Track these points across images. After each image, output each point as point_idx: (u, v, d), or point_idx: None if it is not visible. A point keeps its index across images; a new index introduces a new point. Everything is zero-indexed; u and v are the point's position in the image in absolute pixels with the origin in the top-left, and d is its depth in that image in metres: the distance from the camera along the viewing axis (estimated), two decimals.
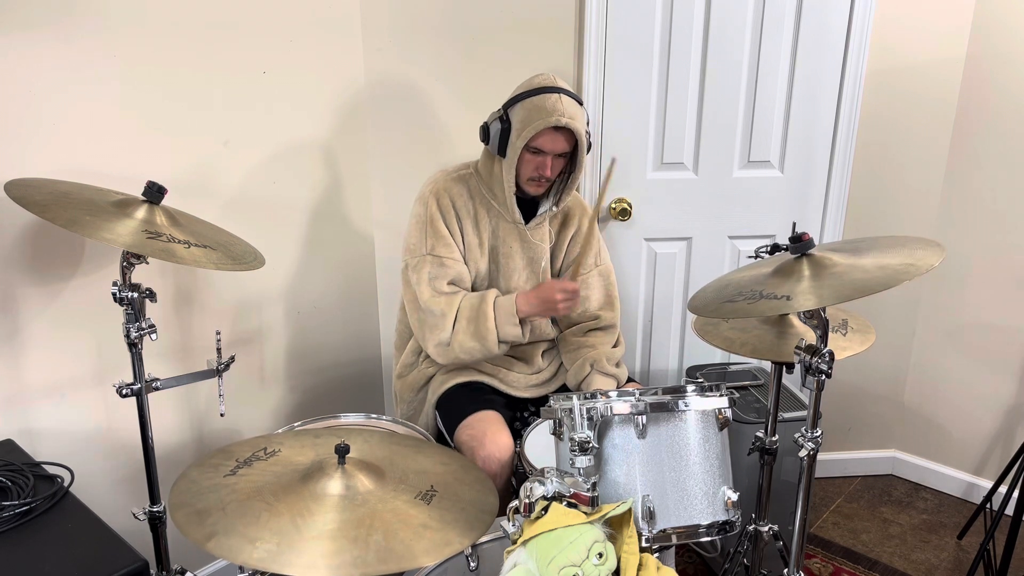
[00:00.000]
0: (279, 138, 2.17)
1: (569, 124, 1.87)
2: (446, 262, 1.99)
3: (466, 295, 2.00)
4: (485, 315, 1.95)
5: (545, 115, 1.86)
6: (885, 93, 2.53)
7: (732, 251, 2.63)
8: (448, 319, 1.95)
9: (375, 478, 1.34)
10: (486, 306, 1.96)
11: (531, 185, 1.99)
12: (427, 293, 1.97)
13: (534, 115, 1.87)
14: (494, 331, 1.95)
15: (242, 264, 1.61)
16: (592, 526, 1.25)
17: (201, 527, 1.20)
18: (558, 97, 1.89)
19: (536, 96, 1.89)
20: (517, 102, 1.91)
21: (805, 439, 1.54)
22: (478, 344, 1.96)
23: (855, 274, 1.39)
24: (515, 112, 1.91)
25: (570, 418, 1.44)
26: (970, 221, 2.63)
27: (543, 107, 1.87)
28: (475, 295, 2.00)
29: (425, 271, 1.98)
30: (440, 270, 1.98)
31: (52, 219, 1.42)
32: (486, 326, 1.95)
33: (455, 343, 1.96)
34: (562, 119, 1.86)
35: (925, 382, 2.85)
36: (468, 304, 1.97)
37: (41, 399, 1.79)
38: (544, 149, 1.92)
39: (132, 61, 1.81)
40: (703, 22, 2.39)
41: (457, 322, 1.96)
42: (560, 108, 1.87)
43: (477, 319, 1.95)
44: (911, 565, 2.50)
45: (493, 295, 2.00)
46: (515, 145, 1.90)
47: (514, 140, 1.90)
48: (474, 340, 1.96)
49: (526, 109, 1.89)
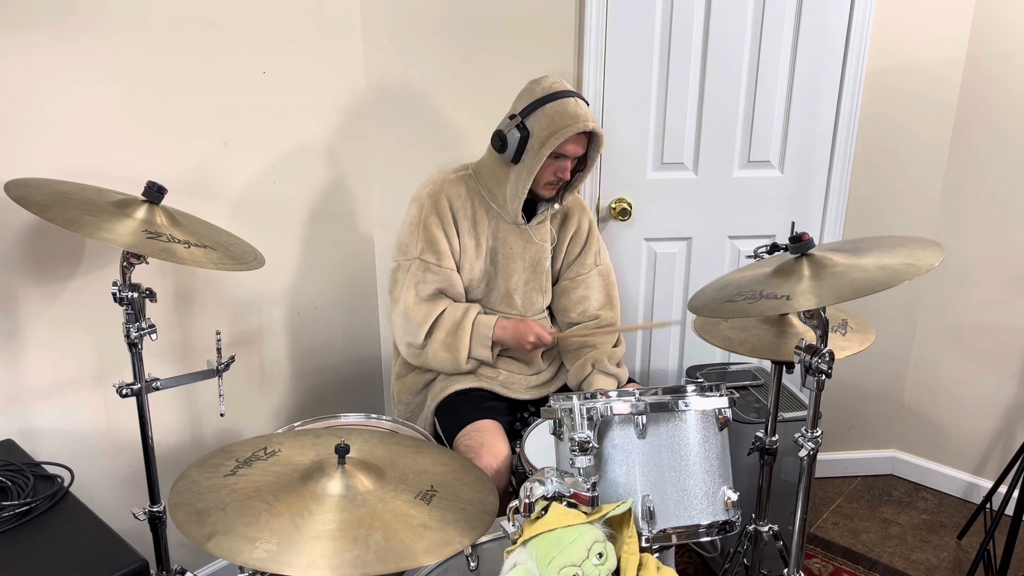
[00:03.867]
0: (279, 138, 2.17)
1: (596, 128, 1.91)
2: (433, 268, 2.00)
3: (449, 306, 2.03)
4: (463, 330, 2.01)
5: (571, 120, 1.88)
6: (885, 93, 2.53)
7: (732, 251, 2.63)
8: (423, 328, 2.00)
9: (375, 478, 1.34)
10: (466, 321, 2.02)
11: (547, 189, 2.02)
12: (411, 298, 2.00)
13: (559, 121, 1.88)
14: (467, 348, 2.01)
15: (242, 264, 1.61)
16: (592, 526, 1.25)
17: (201, 527, 1.20)
18: (576, 101, 1.92)
19: (555, 101, 1.90)
20: (535, 109, 1.91)
21: (805, 439, 1.54)
22: (450, 356, 2.02)
23: (855, 274, 1.39)
24: (535, 119, 1.91)
25: (570, 418, 1.44)
26: (970, 221, 2.63)
27: (566, 112, 1.89)
28: (459, 308, 2.03)
29: (413, 275, 2.00)
30: (428, 276, 2.00)
31: (52, 219, 1.42)
32: (462, 341, 2.01)
33: (428, 351, 2.02)
34: (588, 123, 1.89)
35: (925, 382, 2.85)
36: (450, 316, 2.01)
37: (41, 399, 1.79)
38: (568, 154, 1.94)
39: (132, 61, 1.81)
40: (703, 22, 2.39)
41: (435, 332, 2.01)
42: (582, 113, 1.90)
43: (455, 332, 2.01)
44: (911, 565, 2.50)
45: (475, 312, 2.04)
46: (540, 152, 1.90)
47: (537, 148, 1.90)
48: (446, 351, 2.01)
49: (548, 116, 1.89)
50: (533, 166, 1.92)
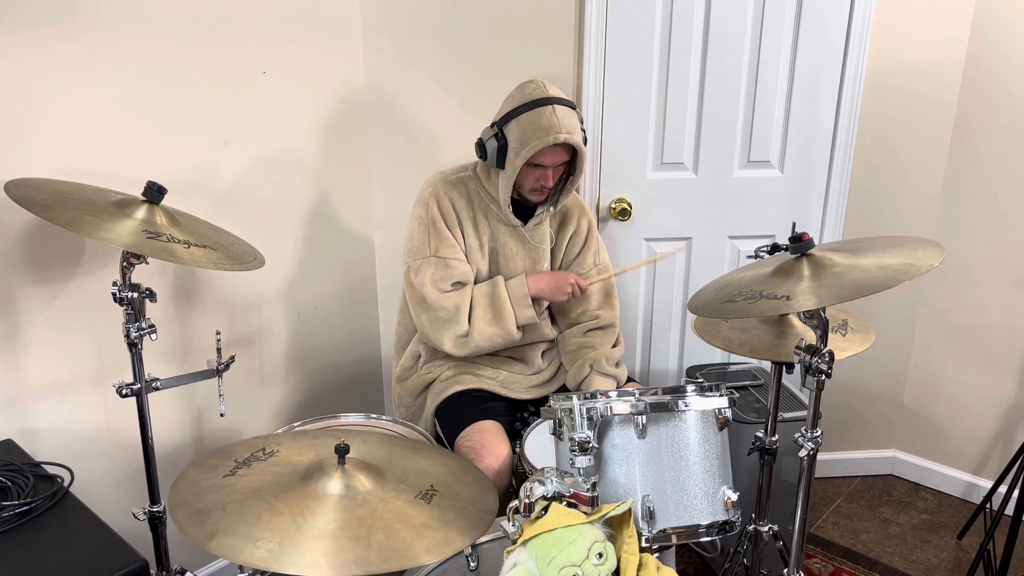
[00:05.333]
0: (279, 138, 2.17)
1: (568, 140, 1.84)
2: (450, 262, 1.98)
3: (473, 287, 2.01)
4: (502, 299, 1.98)
5: (543, 133, 1.83)
6: (885, 93, 2.53)
7: (732, 251, 2.63)
8: (463, 311, 1.96)
9: (375, 478, 1.34)
10: (500, 290, 1.99)
11: (533, 195, 2.00)
12: (434, 293, 1.97)
13: (531, 133, 1.84)
14: (512, 315, 1.98)
15: (242, 264, 1.61)
16: (592, 526, 1.25)
17: (202, 527, 1.20)
18: (552, 110, 1.85)
19: (530, 111, 1.86)
20: (511, 118, 1.88)
21: (805, 439, 1.54)
22: (499, 329, 1.98)
23: (855, 274, 1.39)
24: (511, 129, 1.88)
25: (570, 418, 1.44)
26: (970, 221, 2.63)
27: (540, 124, 1.84)
28: (483, 284, 2.03)
29: (428, 272, 1.97)
30: (445, 271, 1.98)
31: (52, 219, 1.42)
32: (505, 310, 1.98)
33: (475, 332, 1.97)
34: (560, 135, 1.83)
35: (925, 382, 2.85)
36: (481, 293, 2.00)
37: (41, 399, 1.79)
38: (545, 164, 1.91)
39: (132, 61, 1.81)
40: (703, 22, 2.39)
41: (473, 311, 1.97)
42: (556, 123, 1.84)
43: (495, 305, 1.98)
44: (911, 565, 2.50)
45: (502, 281, 2.02)
46: (515, 163, 1.88)
47: (512, 158, 1.88)
48: (494, 326, 1.97)
49: (522, 127, 1.86)
50: (511, 176, 1.91)
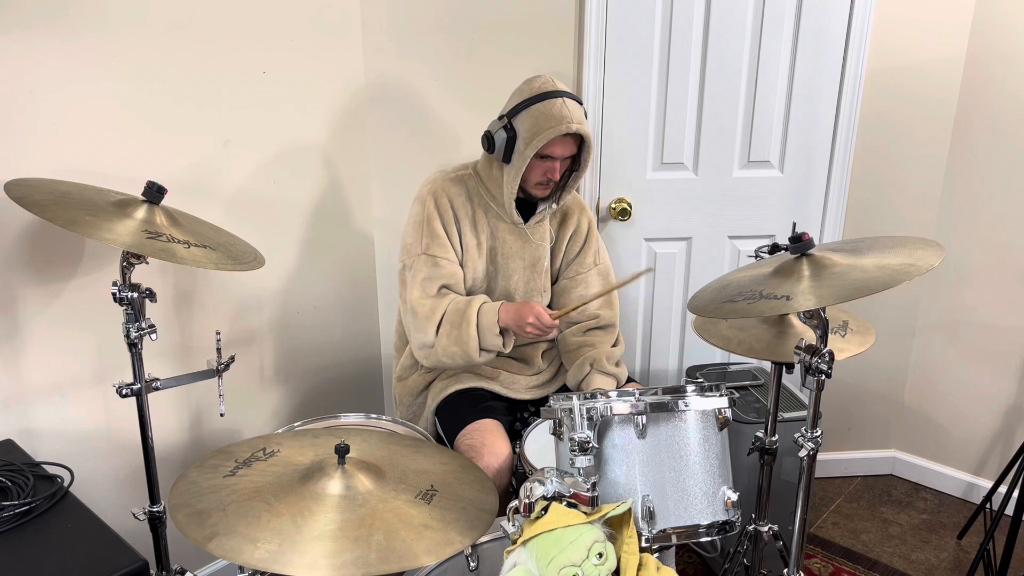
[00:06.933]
0: (279, 138, 2.17)
1: (579, 130, 1.87)
2: (440, 262, 1.98)
3: (454, 299, 1.97)
4: (468, 321, 1.93)
5: (555, 122, 1.85)
6: (885, 93, 2.53)
7: (732, 251, 2.63)
8: (432, 323, 1.94)
9: (375, 478, 1.34)
10: (470, 311, 1.94)
11: (538, 189, 2.00)
12: (417, 294, 1.97)
13: (543, 123, 1.86)
14: (475, 338, 1.92)
15: (242, 264, 1.61)
16: (592, 526, 1.25)
17: (202, 528, 1.20)
18: (563, 102, 1.88)
19: (541, 103, 1.88)
20: (521, 110, 1.90)
21: (805, 439, 1.54)
22: (459, 350, 1.94)
23: (855, 274, 1.39)
24: (521, 120, 1.90)
25: (570, 418, 1.44)
26: (970, 221, 2.63)
27: (551, 114, 1.86)
28: (462, 300, 1.97)
29: (420, 271, 1.98)
30: (434, 271, 1.97)
31: (52, 219, 1.42)
32: (468, 332, 1.92)
33: (438, 347, 1.95)
34: (572, 125, 1.86)
35: (925, 382, 2.85)
36: (454, 308, 1.95)
37: (41, 399, 1.79)
38: (555, 155, 1.92)
39: (132, 61, 1.81)
40: (703, 22, 2.39)
41: (441, 326, 1.94)
42: (567, 114, 1.87)
43: (460, 324, 1.93)
44: (911, 565, 2.50)
45: (479, 302, 1.97)
46: (524, 154, 1.88)
47: (522, 149, 1.89)
48: (456, 345, 1.93)
49: (533, 117, 1.88)
50: (519, 167, 1.91)
